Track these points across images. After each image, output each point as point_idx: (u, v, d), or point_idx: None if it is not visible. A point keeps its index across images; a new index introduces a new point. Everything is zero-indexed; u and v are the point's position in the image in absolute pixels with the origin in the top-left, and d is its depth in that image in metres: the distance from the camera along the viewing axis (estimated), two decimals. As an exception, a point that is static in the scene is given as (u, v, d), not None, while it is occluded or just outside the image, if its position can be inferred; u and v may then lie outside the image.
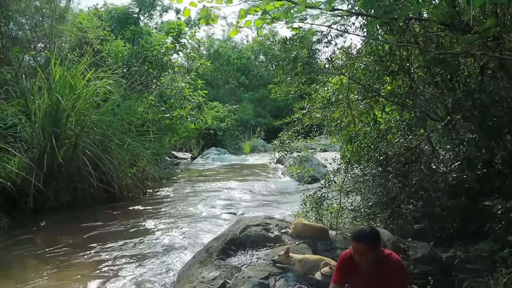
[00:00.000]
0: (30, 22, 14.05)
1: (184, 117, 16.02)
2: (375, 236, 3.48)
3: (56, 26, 13.92)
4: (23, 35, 14.09)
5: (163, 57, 15.52)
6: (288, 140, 6.82)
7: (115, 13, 21.76)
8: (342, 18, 5.29)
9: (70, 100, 10.37)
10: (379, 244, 3.53)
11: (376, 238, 3.48)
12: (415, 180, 6.17)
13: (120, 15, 21.63)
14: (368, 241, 3.43)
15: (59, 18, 14.43)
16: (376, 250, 3.46)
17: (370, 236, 3.46)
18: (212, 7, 3.83)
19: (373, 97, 6.45)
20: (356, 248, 3.47)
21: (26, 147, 9.79)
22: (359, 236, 3.49)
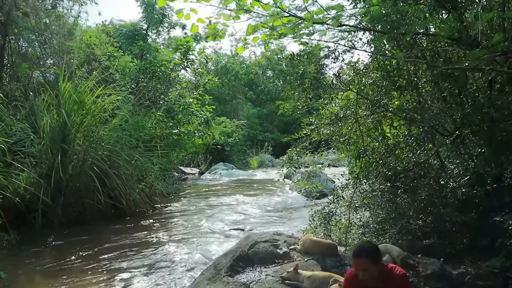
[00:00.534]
0: (39, 39, 14.18)
1: (192, 132, 16.05)
2: (373, 251, 3.47)
3: (64, 43, 14.05)
4: (33, 52, 14.23)
5: (171, 73, 15.60)
6: (296, 156, 6.81)
7: (124, 30, 21.94)
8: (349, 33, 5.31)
9: (78, 116, 10.44)
10: (380, 259, 3.51)
11: (374, 252, 3.46)
12: (424, 195, 6.12)
13: (129, 31, 21.80)
14: (367, 255, 3.42)
15: (67, 35, 14.57)
16: (377, 264, 3.44)
17: (369, 251, 3.45)
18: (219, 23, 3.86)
19: (381, 112, 6.43)
20: (357, 264, 3.46)
21: (35, 163, 9.82)
22: (357, 251, 3.49)
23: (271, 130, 34.05)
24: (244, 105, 35.56)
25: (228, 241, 8.59)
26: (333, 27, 4.02)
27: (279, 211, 12.27)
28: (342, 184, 6.98)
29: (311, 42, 4.89)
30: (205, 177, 22.38)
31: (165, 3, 4.05)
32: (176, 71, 15.88)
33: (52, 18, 14.13)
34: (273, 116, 34.19)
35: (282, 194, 15.73)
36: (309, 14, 3.82)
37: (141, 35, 21.78)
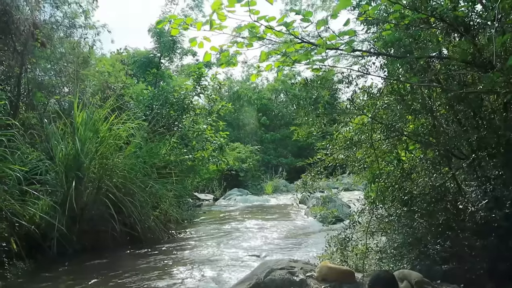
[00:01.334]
0: (55, 68, 14.40)
1: (206, 158, 16.07)
2: (389, 280, 3.47)
3: (79, 71, 14.24)
4: (48, 80, 14.43)
5: (184, 99, 15.71)
6: (311, 181, 6.78)
7: (138, 58, 22.20)
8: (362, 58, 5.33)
9: (93, 144, 10.52)
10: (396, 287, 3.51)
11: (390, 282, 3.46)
12: (442, 219, 6.04)
13: (143, 59, 22.06)
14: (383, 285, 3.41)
15: (82, 63, 14.78)
16: None
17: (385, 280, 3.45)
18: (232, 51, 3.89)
19: (396, 136, 6.40)
20: None
21: (50, 191, 9.88)
22: (373, 281, 3.51)
23: (285, 155, 33.97)
24: (258, 130, 35.61)
25: (244, 268, 8.52)
26: (346, 52, 4.02)
27: (294, 237, 12.17)
28: (358, 209, 6.93)
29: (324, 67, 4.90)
30: (220, 203, 22.32)
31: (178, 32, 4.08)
32: (189, 97, 15.99)
33: (67, 46, 14.36)
34: (287, 141, 34.12)
35: (297, 220, 15.62)
36: (321, 40, 3.84)
37: (155, 62, 22.01)
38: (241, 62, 29.11)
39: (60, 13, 13.84)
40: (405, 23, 4.92)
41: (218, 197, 24.19)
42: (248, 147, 28.59)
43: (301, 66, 4.20)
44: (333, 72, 5.72)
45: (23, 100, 12.75)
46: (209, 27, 3.80)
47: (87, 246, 9.88)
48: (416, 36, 5.35)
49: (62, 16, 13.91)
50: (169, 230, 12.41)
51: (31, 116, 12.19)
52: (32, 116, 12.19)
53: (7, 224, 8.31)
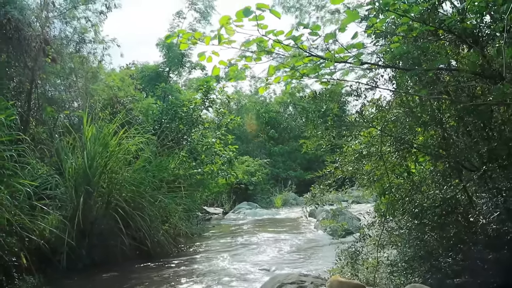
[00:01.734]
0: (64, 83, 14.50)
1: (215, 172, 16.08)
2: None
3: (89, 86, 14.33)
4: (58, 95, 14.53)
5: (192, 113, 15.76)
6: (320, 194, 6.75)
7: (147, 72, 22.35)
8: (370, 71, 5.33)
9: (102, 158, 10.56)
10: None
11: None
12: (453, 232, 5.98)
13: (151, 73, 22.19)
14: None
15: (92, 78, 14.88)
16: None
17: None
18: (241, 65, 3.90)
19: (406, 148, 6.37)
20: None
21: (60, 205, 9.92)
22: None
23: (294, 168, 33.89)
24: (267, 144, 35.60)
25: (253, 282, 8.48)
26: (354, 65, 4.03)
27: (304, 251, 12.11)
28: (368, 222, 6.89)
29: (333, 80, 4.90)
30: (229, 217, 22.28)
31: (187, 46, 4.11)
32: (197, 110, 16.04)
33: (77, 62, 14.46)
34: (296, 154, 34.08)
35: (307, 233, 15.55)
36: (330, 53, 3.85)
37: (163, 76, 22.14)
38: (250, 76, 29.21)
39: (70, 28, 13.98)
40: (413, 36, 4.91)
41: (227, 211, 24.15)
42: (257, 161, 28.56)
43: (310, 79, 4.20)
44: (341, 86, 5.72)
45: (33, 115, 12.84)
46: (217, 42, 3.82)
47: (96, 260, 9.87)
48: (425, 48, 5.34)
49: (72, 32, 14.03)
50: (179, 244, 12.39)
51: (41, 131, 12.26)
52: (42, 131, 12.26)
53: (17, 239, 8.32)
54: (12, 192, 8.66)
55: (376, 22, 4.20)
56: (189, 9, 21.43)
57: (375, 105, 6.59)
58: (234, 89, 37.94)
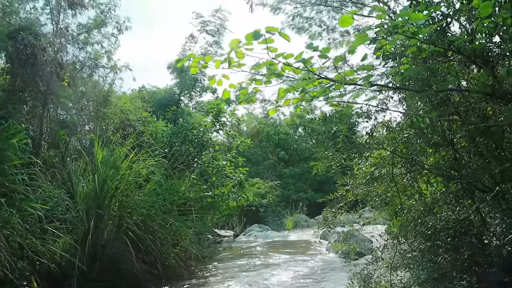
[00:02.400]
0: (76, 106, 14.62)
1: (226, 194, 16.06)
2: None
3: (100, 109, 14.44)
4: (70, 119, 14.64)
5: (203, 136, 15.81)
6: (332, 218, 6.72)
7: (158, 95, 22.51)
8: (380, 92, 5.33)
9: (113, 181, 10.60)
10: None
11: None
12: (467, 254, 5.90)
13: (163, 96, 22.35)
14: None
15: (103, 101, 14.97)
16: None
17: None
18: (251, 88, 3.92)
19: (417, 170, 6.33)
20: None
21: (71, 228, 9.92)
22: None
23: (305, 190, 33.74)
24: (277, 165, 35.55)
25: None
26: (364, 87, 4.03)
27: (316, 274, 11.99)
28: (381, 245, 6.82)
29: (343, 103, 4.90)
30: (240, 239, 22.17)
31: (198, 70, 4.14)
32: (208, 133, 16.09)
33: (88, 85, 14.60)
34: (306, 175, 33.95)
35: (319, 255, 15.42)
36: (339, 76, 3.86)
37: (174, 100, 22.27)
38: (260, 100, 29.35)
39: (83, 53, 14.15)
40: (422, 57, 4.92)
41: (238, 233, 24.04)
42: (268, 183, 28.51)
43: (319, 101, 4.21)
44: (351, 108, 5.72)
45: (45, 138, 12.95)
46: (227, 65, 3.85)
47: (107, 284, 9.82)
48: (434, 69, 5.34)
49: (85, 57, 14.20)
50: (190, 267, 12.33)
51: (52, 154, 12.35)
52: (53, 154, 12.35)
53: (28, 263, 8.34)
54: (23, 216, 8.71)
55: (385, 44, 4.21)
56: (201, 31, 21.58)
57: (385, 126, 6.57)
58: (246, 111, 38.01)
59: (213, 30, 21.61)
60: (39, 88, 12.03)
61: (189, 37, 21.95)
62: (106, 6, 13.82)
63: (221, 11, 21.65)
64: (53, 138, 13.16)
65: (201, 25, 21.58)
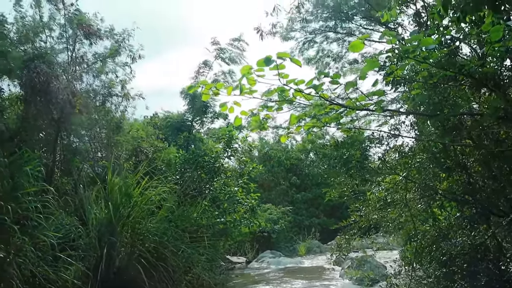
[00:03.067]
0: (89, 134, 14.72)
1: (238, 221, 15.99)
2: None
3: (112, 137, 14.52)
4: (83, 146, 14.72)
5: (214, 162, 15.82)
6: (346, 244, 6.67)
7: (170, 121, 22.60)
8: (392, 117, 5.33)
9: (126, 208, 10.61)
10: None
11: None
12: (484, 280, 5.80)
13: (175, 122, 22.44)
14: None
15: (115, 129, 15.07)
16: None
17: None
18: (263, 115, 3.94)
19: (430, 195, 6.28)
20: None
21: (83, 255, 9.90)
22: None
23: (317, 215, 33.50)
24: (289, 191, 35.41)
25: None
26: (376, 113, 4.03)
27: (330, 301, 11.83)
28: (395, 271, 6.74)
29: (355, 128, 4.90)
30: (253, 266, 21.98)
31: (209, 97, 4.17)
32: (220, 159, 16.10)
33: (101, 113, 14.72)
34: (318, 201, 33.74)
35: (333, 282, 15.21)
36: (351, 101, 3.86)
37: (186, 126, 22.36)
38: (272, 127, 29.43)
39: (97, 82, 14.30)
40: (433, 82, 4.92)
41: (250, 260, 23.83)
42: (280, 208, 28.37)
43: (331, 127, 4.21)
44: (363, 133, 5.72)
45: (58, 165, 13.02)
46: (239, 92, 3.87)
47: (119, 312, 9.78)
48: (446, 94, 5.34)
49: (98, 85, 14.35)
50: (202, 295, 12.23)
51: (65, 181, 12.40)
52: (66, 182, 12.40)
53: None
54: (36, 243, 8.71)
55: (396, 69, 4.22)
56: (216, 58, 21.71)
57: (397, 151, 6.56)
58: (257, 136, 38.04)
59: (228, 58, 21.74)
60: (52, 115, 12.15)
61: (203, 64, 22.10)
62: (120, 35, 14.00)
63: (239, 41, 21.77)
64: (66, 165, 13.23)
65: (217, 52, 21.72)
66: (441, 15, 4.63)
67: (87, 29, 12.88)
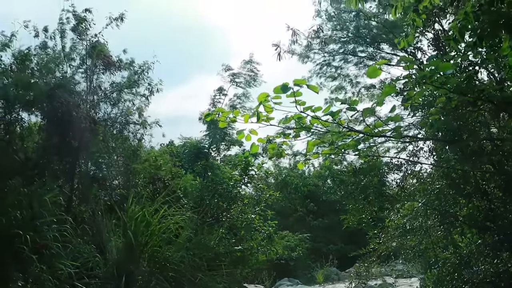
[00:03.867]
0: (106, 162, 14.80)
1: (255, 248, 15.87)
2: None
3: (130, 164, 14.59)
4: (101, 174, 14.79)
5: (232, 190, 15.80)
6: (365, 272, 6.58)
7: (187, 148, 22.65)
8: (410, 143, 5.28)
9: (144, 237, 10.60)
10: None
11: None
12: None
13: (192, 149, 22.48)
14: None
15: (132, 156, 15.14)
16: None
17: None
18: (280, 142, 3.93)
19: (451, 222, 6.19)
20: None
21: (100, 284, 9.86)
22: None
23: (335, 242, 33.18)
24: (306, 217, 35.16)
25: None
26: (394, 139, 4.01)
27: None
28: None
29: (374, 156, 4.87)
30: (270, 294, 21.74)
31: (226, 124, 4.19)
32: (237, 187, 16.08)
33: (118, 141, 14.82)
34: (336, 227, 33.37)
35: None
36: (369, 128, 3.84)
37: (203, 153, 22.39)
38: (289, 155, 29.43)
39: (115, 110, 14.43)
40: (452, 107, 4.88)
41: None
42: (297, 235, 28.14)
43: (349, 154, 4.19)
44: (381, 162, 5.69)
45: (76, 193, 13.09)
46: (256, 119, 3.87)
47: None
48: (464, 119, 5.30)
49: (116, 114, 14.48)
50: (220, 325, 12.09)
51: (83, 209, 12.45)
52: (84, 210, 12.44)
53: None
54: (53, 273, 8.71)
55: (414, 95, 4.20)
56: (231, 83, 21.79)
57: (416, 177, 6.50)
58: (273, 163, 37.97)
59: (242, 82, 21.78)
60: (72, 144, 12.27)
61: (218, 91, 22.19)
62: (140, 67, 14.17)
63: (251, 63, 21.86)
64: (84, 193, 13.29)
65: (230, 78, 21.80)
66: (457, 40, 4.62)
67: (107, 59, 13.06)
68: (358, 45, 16.32)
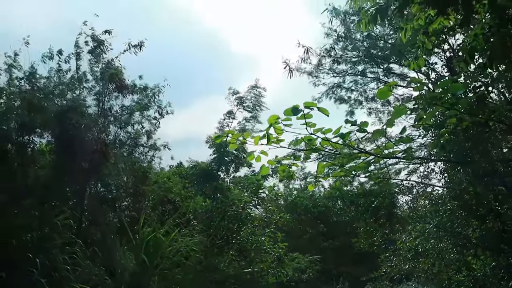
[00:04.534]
0: (115, 183, 14.78)
1: (265, 271, 15.73)
2: None
3: (139, 186, 14.57)
4: (110, 196, 14.76)
5: (242, 212, 15.74)
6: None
7: (196, 170, 22.64)
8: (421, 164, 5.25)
9: (154, 259, 10.54)
10: None
11: None
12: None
13: (201, 171, 22.46)
14: None
15: (142, 179, 15.13)
16: None
17: None
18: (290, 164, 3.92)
19: (463, 244, 6.10)
20: None
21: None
22: None
23: (345, 264, 32.85)
24: (317, 239, 34.89)
25: None
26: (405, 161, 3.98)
27: None
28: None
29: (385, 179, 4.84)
30: (280, 317, 21.46)
31: (236, 146, 4.20)
32: (246, 209, 16.02)
33: (128, 163, 14.82)
34: (347, 249, 33.15)
35: (363, 334, 14.74)
36: (379, 150, 3.82)
37: (212, 175, 22.35)
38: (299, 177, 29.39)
39: (124, 133, 14.45)
40: (462, 128, 4.86)
41: (278, 311, 23.31)
42: (308, 257, 27.91)
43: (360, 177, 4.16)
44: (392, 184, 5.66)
45: (85, 215, 13.07)
46: (266, 141, 3.87)
47: None
48: (475, 140, 5.25)
49: (126, 136, 14.50)
50: None
51: (93, 232, 12.41)
52: (94, 232, 12.41)
53: None
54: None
55: (424, 117, 4.17)
56: (238, 107, 21.86)
57: (427, 198, 6.44)
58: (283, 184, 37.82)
59: (249, 106, 21.86)
60: (82, 166, 12.28)
61: (227, 114, 22.26)
62: (151, 91, 14.25)
63: (257, 88, 21.98)
64: (94, 215, 13.27)
65: (237, 101, 21.89)
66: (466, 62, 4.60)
67: (120, 83, 13.11)
68: (369, 65, 16.35)
